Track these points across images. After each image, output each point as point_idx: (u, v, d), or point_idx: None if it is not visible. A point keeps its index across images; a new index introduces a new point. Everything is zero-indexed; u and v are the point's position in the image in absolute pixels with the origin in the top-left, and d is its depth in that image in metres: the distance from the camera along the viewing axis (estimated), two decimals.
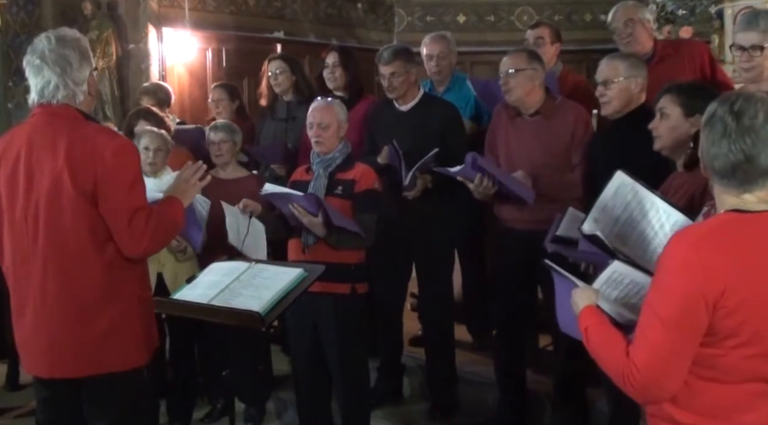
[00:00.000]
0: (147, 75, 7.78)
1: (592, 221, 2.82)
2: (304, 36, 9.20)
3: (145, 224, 2.85)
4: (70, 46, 2.89)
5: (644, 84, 3.76)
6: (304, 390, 4.19)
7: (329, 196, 3.95)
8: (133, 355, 2.94)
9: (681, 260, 1.97)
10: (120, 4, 7.80)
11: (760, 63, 3.42)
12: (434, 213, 4.49)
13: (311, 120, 4.06)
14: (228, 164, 4.73)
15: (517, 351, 4.42)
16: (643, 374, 1.98)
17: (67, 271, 2.85)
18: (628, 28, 4.52)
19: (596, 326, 2.17)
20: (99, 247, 2.85)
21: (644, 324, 2.01)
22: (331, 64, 5.02)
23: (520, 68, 4.12)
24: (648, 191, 2.77)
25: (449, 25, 9.64)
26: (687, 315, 1.96)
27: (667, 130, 3.14)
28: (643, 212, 2.73)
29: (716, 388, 2.03)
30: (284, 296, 3.14)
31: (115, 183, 2.82)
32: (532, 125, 4.20)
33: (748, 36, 3.45)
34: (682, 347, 1.98)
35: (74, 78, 2.89)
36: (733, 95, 2.07)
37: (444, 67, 5.03)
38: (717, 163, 2.02)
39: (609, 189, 2.84)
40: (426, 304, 4.81)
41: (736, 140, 1.98)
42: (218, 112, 5.61)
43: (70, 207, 2.82)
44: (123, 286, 2.90)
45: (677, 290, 1.96)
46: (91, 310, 2.86)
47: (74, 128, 2.86)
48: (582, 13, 10.11)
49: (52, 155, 2.82)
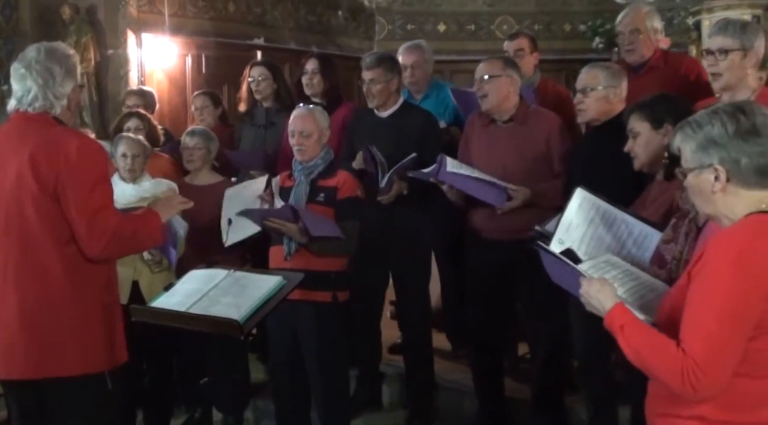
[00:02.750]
0: (126, 81, 7.74)
1: (557, 242, 2.83)
2: (284, 43, 9.18)
3: (106, 225, 2.84)
4: (56, 60, 2.94)
5: (623, 95, 3.78)
6: (283, 399, 4.17)
7: (311, 203, 3.95)
8: (92, 360, 2.91)
9: (734, 257, 2.00)
10: (99, 10, 7.74)
11: (726, 68, 3.48)
12: (410, 220, 4.48)
13: (293, 128, 4.05)
14: (200, 170, 4.71)
15: (494, 360, 4.42)
16: (703, 369, 1.98)
17: (27, 270, 2.85)
18: (632, 36, 4.51)
19: (633, 324, 2.14)
20: (60, 247, 2.84)
21: (696, 321, 2.02)
22: (310, 70, 5.01)
23: (495, 75, 4.13)
24: (610, 206, 2.80)
25: (429, 34, 9.67)
26: (742, 309, 1.99)
27: (641, 147, 3.19)
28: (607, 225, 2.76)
29: (748, 383, 2.05)
30: (263, 304, 3.13)
31: (77, 181, 2.82)
32: (505, 132, 4.21)
33: (717, 40, 3.52)
34: (736, 340, 2.00)
35: (55, 91, 2.92)
36: (734, 106, 2.13)
37: (419, 76, 5.01)
38: (763, 160, 2.06)
39: (571, 207, 2.86)
40: (403, 312, 4.81)
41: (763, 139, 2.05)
42: (202, 119, 5.59)
43: (33, 205, 2.83)
44: (85, 290, 2.89)
45: (734, 286, 1.99)
46: (49, 311, 2.85)
47: (43, 130, 2.89)
48: (561, 23, 10.18)
49: (18, 154, 2.84)
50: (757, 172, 2.07)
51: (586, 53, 9.04)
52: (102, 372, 2.94)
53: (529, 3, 10.24)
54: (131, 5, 7.86)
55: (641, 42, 4.49)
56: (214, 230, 4.42)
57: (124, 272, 4.17)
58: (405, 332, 4.83)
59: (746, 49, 3.47)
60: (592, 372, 3.82)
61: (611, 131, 3.63)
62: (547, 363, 4.23)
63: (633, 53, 4.51)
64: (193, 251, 4.28)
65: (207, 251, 4.17)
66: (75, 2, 7.59)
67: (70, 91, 2.97)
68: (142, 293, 4.24)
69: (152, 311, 3.29)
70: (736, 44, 3.46)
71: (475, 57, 4.39)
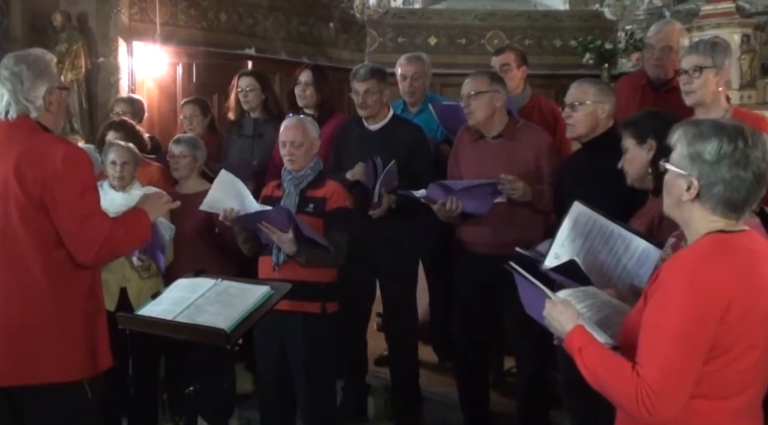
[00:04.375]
0: (116, 89, 7.73)
1: (553, 257, 2.83)
2: (275, 53, 9.20)
3: (97, 231, 2.86)
4: (26, 64, 2.95)
5: (612, 111, 3.80)
6: (270, 409, 4.16)
7: (300, 213, 3.94)
8: (71, 368, 2.90)
9: (688, 279, 2.01)
10: (90, 17, 7.73)
11: (700, 86, 3.56)
12: (397, 233, 4.49)
13: (284, 138, 4.05)
14: (187, 178, 4.69)
15: (480, 374, 4.42)
16: (658, 394, 1.98)
17: (10, 276, 2.86)
18: (662, 52, 4.49)
19: (591, 346, 2.15)
20: (43, 256, 2.85)
21: (651, 344, 2.03)
22: (303, 82, 5.02)
23: (482, 91, 4.16)
24: (607, 220, 2.80)
25: (420, 47, 9.69)
26: (697, 332, 1.99)
27: (629, 163, 3.22)
28: (603, 240, 2.76)
29: (705, 404, 2.06)
30: (250, 313, 3.12)
31: (65, 189, 2.83)
32: (494, 148, 4.23)
33: (690, 59, 3.61)
34: (691, 364, 2.01)
35: (26, 95, 2.93)
36: (742, 129, 2.11)
37: (417, 88, 5.03)
38: (735, 196, 2.07)
39: (568, 221, 2.86)
40: (390, 324, 4.81)
41: (756, 171, 2.06)
42: (191, 128, 5.57)
43: (18, 213, 2.84)
44: (67, 297, 2.89)
45: (687, 309, 1.99)
46: (29, 318, 2.85)
47: (29, 137, 2.90)
48: (552, 39, 10.23)
49: (3, 161, 2.85)
50: (726, 204, 2.08)
51: (577, 69, 9.09)
52: (81, 380, 2.93)
53: (521, 18, 10.29)
54: (123, 13, 7.85)
55: (670, 59, 4.47)
56: (202, 237, 4.42)
57: (112, 279, 4.18)
58: (391, 344, 4.83)
59: (718, 67, 3.56)
60: (577, 387, 3.82)
61: (599, 148, 3.66)
62: (532, 378, 4.24)
63: (659, 69, 4.50)
64: (181, 258, 4.26)
65: (195, 259, 4.16)
66: (66, 9, 7.59)
67: (43, 93, 2.95)
68: (130, 300, 4.23)
69: (139, 319, 3.28)
70: (709, 62, 3.56)
71: (466, 71, 4.41)
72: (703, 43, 3.68)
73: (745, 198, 2.08)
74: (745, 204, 2.09)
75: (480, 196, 4.08)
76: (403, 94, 5.07)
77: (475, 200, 4.08)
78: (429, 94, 5.19)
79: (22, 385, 2.87)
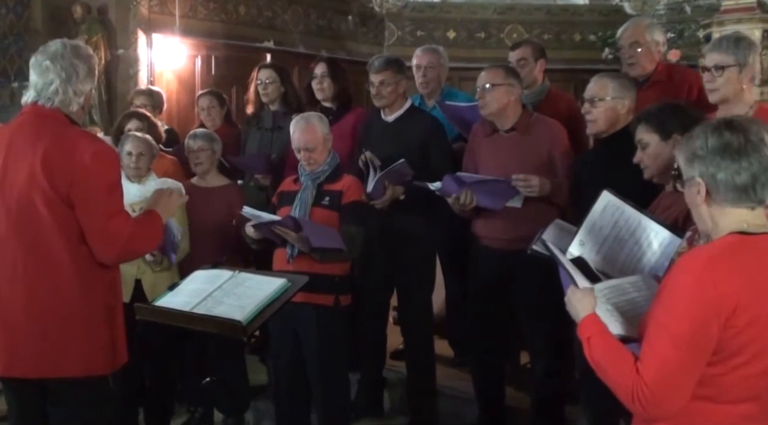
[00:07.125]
0: (135, 81, 7.77)
1: (578, 244, 2.82)
2: (293, 46, 9.21)
3: (121, 230, 2.86)
4: (81, 58, 2.97)
5: (632, 106, 3.77)
6: (284, 402, 4.17)
7: (316, 206, 3.95)
8: (95, 362, 2.91)
9: (694, 279, 2.00)
10: (110, 9, 7.76)
11: (723, 84, 3.52)
12: (414, 226, 4.48)
13: (297, 145, 4.04)
14: (207, 172, 4.70)
15: (496, 368, 4.41)
16: (653, 392, 1.99)
17: (38, 265, 2.85)
18: (632, 49, 4.51)
19: (600, 336, 2.17)
20: (70, 249, 2.84)
21: (654, 342, 2.03)
22: (319, 74, 5.01)
23: (497, 83, 4.14)
24: (635, 210, 2.78)
25: (439, 41, 9.66)
26: (699, 333, 1.98)
27: (651, 159, 3.18)
28: (630, 230, 2.74)
29: (709, 407, 2.05)
30: (267, 306, 3.13)
31: (92, 187, 2.83)
32: (508, 141, 4.21)
33: (712, 56, 3.56)
34: (691, 365, 2.00)
35: (75, 88, 2.94)
36: (725, 120, 2.13)
37: (431, 78, 5.00)
38: (739, 179, 2.05)
39: (596, 209, 2.84)
40: (406, 318, 4.80)
41: (753, 153, 2.05)
42: (210, 118, 5.59)
43: (44, 207, 2.82)
44: (90, 291, 2.89)
45: (690, 309, 1.98)
46: (58, 309, 2.85)
47: (57, 130, 2.88)
48: (571, 33, 10.18)
49: (30, 154, 2.83)
50: (734, 189, 2.07)
51: (596, 64, 9.03)
52: (105, 374, 2.94)
53: (540, 12, 10.25)
54: (142, 6, 7.89)
55: (641, 55, 4.49)
56: (221, 231, 4.43)
57: (127, 270, 4.17)
58: (407, 338, 4.83)
59: (741, 65, 3.52)
60: (593, 383, 3.80)
61: (619, 143, 3.63)
62: (548, 373, 4.22)
63: (634, 67, 4.51)
64: (201, 251, 4.28)
65: (213, 252, 4.17)
66: (86, 1, 7.61)
67: (88, 90, 2.99)
68: (144, 291, 4.25)
69: (156, 310, 3.29)
70: (731, 60, 3.51)
71: (484, 65, 4.39)
72: (726, 40, 3.61)
73: (751, 179, 2.06)
74: (756, 184, 2.06)
75: (496, 193, 4.06)
76: (417, 84, 5.05)
77: (490, 196, 4.07)
78: (446, 89, 5.17)
79: (49, 377, 2.88)
